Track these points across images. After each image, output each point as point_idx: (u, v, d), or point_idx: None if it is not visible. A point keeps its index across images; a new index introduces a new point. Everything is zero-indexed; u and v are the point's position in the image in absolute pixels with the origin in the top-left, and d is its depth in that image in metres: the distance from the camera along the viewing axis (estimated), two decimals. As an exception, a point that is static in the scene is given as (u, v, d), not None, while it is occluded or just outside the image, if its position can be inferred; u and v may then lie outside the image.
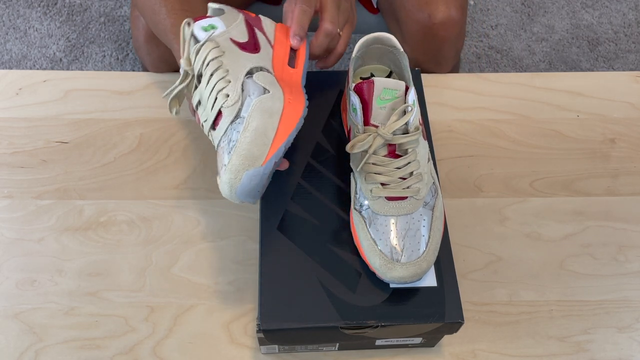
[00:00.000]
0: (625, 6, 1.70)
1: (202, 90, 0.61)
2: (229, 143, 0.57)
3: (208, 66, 0.61)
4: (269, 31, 0.67)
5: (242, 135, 0.56)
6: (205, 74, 0.61)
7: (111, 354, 0.67)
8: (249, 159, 0.55)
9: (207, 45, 0.62)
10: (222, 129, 0.58)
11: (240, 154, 0.56)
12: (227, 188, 0.56)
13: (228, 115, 0.58)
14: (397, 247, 0.59)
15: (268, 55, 0.64)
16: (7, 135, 0.81)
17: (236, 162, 0.55)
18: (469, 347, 0.68)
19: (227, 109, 0.59)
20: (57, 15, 1.62)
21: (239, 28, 0.65)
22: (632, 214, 0.78)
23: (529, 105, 0.87)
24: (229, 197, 0.57)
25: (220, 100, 0.59)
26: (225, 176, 0.56)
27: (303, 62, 0.67)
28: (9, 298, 0.69)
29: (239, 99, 0.59)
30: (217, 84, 0.60)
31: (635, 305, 0.72)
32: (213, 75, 0.61)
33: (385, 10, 0.93)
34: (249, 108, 0.58)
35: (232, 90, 0.59)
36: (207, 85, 0.61)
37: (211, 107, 0.60)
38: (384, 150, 0.62)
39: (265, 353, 0.67)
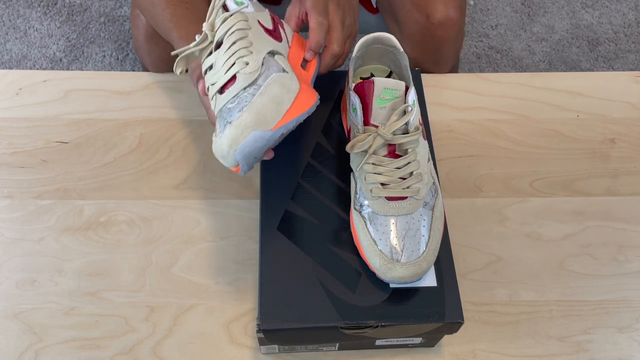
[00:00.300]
0: (625, 6, 1.70)
1: (219, 55, 0.61)
2: (240, 103, 0.57)
3: (233, 34, 0.61)
4: (289, 34, 0.67)
5: (259, 97, 0.56)
6: (228, 40, 0.61)
7: (111, 354, 0.67)
8: (260, 118, 0.55)
9: (237, 15, 0.62)
10: (233, 93, 0.58)
11: (253, 111, 0.55)
12: (228, 143, 0.55)
13: (243, 81, 0.58)
14: (397, 247, 0.59)
15: (286, 50, 0.65)
16: (7, 135, 0.81)
17: (247, 119, 0.55)
18: (469, 347, 0.68)
19: (244, 75, 0.58)
20: (57, 15, 1.62)
21: (265, 17, 0.65)
22: (632, 214, 0.78)
23: (529, 105, 0.87)
24: (225, 155, 0.56)
25: (238, 65, 0.59)
26: (230, 131, 0.55)
27: (314, 68, 0.67)
28: (9, 298, 0.70)
29: (258, 69, 0.59)
30: (239, 51, 0.60)
31: (635, 305, 0.72)
32: (235, 43, 0.60)
33: (385, 10, 0.93)
34: (267, 79, 0.58)
35: (253, 60, 0.59)
36: (228, 50, 0.60)
37: (225, 71, 0.59)
38: (384, 150, 0.62)
39: (265, 353, 0.67)
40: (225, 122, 0.57)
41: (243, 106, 0.56)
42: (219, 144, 0.56)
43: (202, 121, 0.83)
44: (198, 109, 0.84)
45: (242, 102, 0.57)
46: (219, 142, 0.56)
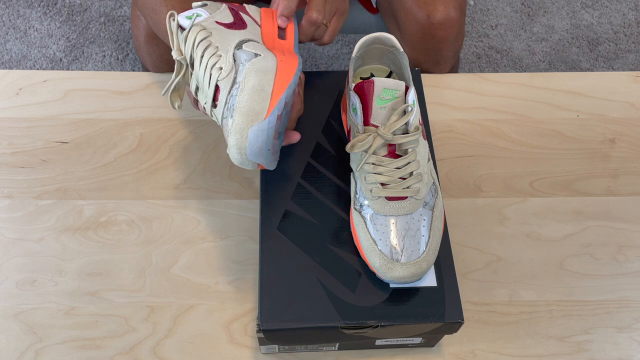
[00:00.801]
0: (625, 6, 1.70)
1: (197, 72, 0.62)
2: (230, 109, 0.57)
3: (198, 47, 0.62)
4: (255, 15, 0.68)
5: (240, 95, 0.57)
6: (197, 55, 0.62)
7: (111, 354, 0.67)
8: (250, 115, 0.56)
9: (193, 29, 0.63)
10: (222, 101, 0.59)
11: (241, 112, 0.56)
12: (237, 151, 0.56)
13: (225, 87, 0.59)
14: (397, 247, 0.59)
15: (256, 31, 0.65)
16: (7, 135, 0.81)
17: (239, 121, 0.56)
18: (469, 347, 0.68)
19: (223, 81, 0.59)
20: (57, 15, 1.62)
21: (223, 13, 0.66)
22: (632, 214, 0.78)
23: (529, 105, 0.87)
24: (239, 161, 0.57)
25: (215, 74, 0.60)
26: (232, 139, 0.56)
27: (293, 33, 0.67)
28: (9, 298, 0.70)
29: (232, 69, 0.60)
30: (210, 60, 0.61)
31: (635, 305, 0.72)
32: (204, 55, 0.61)
33: (384, 10, 0.93)
34: (242, 72, 0.59)
35: (225, 62, 0.60)
36: (201, 65, 0.61)
37: (208, 85, 0.60)
38: (384, 150, 0.62)
39: (265, 353, 0.67)
40: (228, 131, 0.57)
41: (232, 110, 0.57)
42: (232, 154, 0.57)
43: (202, 121, 0.83)
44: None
45: (232, 107, 0.57)
46: (231, 152, 0.57)
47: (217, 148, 0.81)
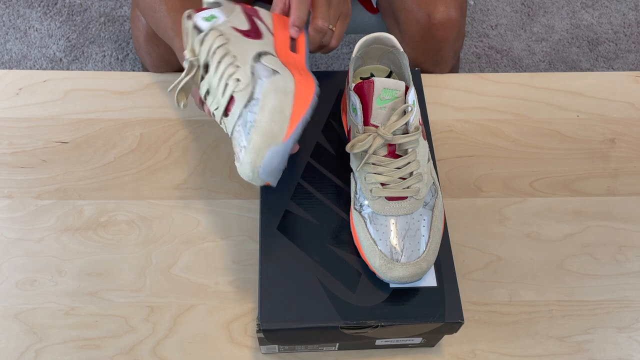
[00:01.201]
0: (625, 6, 1.70)
1: (211, 79, 0.61)
2: (246, 125, 0.57)
3: (215, 54, 0.61)
4: (267, 20, 0.67)
5: (260, 115, 0.56)
6: (213, 61, 0.61)
7: (111, 354, 0.67)
8: (269, 136, 0.55)
9: (211, 33, 0.62)
10: (236, 114, 0.58)
11: (260, 132, 0.55)
12: (249, 169, 0.56)
13: (241, 99, 0.58)
14: (397, 247, 0.59)
15: (270, 41, 0.65)
16: (7, 135, 0.81)
17: (257, 141, 0.55)
18: (469, 347, 0.68)
19: (239, 93, 0.58)
20: (57, 15, 1.62)
21: (238, 17, 0.65)
22: (632, 214, 0.78)
23: (529, 105, 0.87)
24: (250, 178, 0.56)
25: (231, 85, 0.59)
26: (247, 157, 0.55)
27: (304, 47, 0.67)
28: (9, 298, 0.69)
29: (249, 83, 0.59)
30: (227, 69, 0.60)
31: (635, 305, 0.72)
32: (221, 62, 0.60)
33: (385, 10, 0.93)
34: (261, 89, 0.58)
35: (243, 75, 0.59)
36: (216, 72, 0.60)
37: (222, 94, 0.60)
38: (384, 150, 0.62)
39: (265, 353, 0.67)
40: (240, 146, 0.57)
41: (250, 127, 0.56)
42: (243, 170, 0.57)
43: (202, 121, 0.83)
44: (198, 109, 0.84)
45: (248, 122, 0.57)
46: (242, 168, 0.57)
47: (217, 148, 0.81)
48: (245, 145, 0.56)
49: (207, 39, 0.62)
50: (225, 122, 0.60)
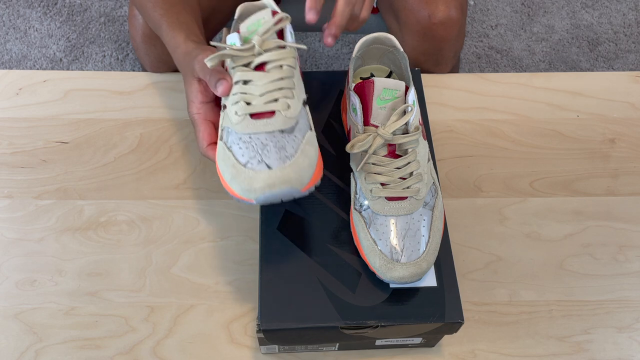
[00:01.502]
0: (625, 6, 1.70)
1: (263, 79, 0.59)
2: (276, 146, 0.56)
3: (282, 70, 0.60)
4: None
5: (301, 156, 0.56)
6: (276, 72, 0.59)
7: (111, 354, 0.67)
8: (299, 178, 0.55)
9: (291, 51, 0.61)
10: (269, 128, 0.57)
11: (296, 169, 0.55)
12: (260, 187, 0.54)
13: (282, 123, 0.58)
14: (397, 247, 0.59)
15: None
16: (7, 135, 0.81)
17: (289, 174, 0.55)
18: (469, 347, 0.68)
19: (284, 118, 0.58)
20: (57, 15, 1.62)
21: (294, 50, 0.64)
22: (632, 214, 0.78)
23: (529, 105, 0.87)
24: (248, 191, 0.55)
25: (281, 104, 0.58)
26: (267, 176, 0.54)
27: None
28: (9, 298, 0.70)
29: (296, 118, 0.59)
30: (284, 90, 0.59)
31: (635, 305, 0.72)
32: (283, 80, 0.59)
33: (385, 10, 0.93)
34: (303, 134, 0.59)
35: (294, 106, 0.59)
36: (274, 82, 0.59)
37: (266, 101, 0.58)
38: (384, 150, 0.62)
39: (265, 353, 0.67)
40: (260, 158, 0.56)
41: (282, 155, 0.56)
42: (249, 179, 0.55)
43: (202, 121, 0.83)
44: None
45: (279, 148, 0.56)
46: (250, 177, 0.55)
47: (217, 148, 0.81)
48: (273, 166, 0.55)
49: (285, 51, 0.60)
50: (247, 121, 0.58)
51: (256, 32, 0.60)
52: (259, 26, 0.61)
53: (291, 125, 0.58)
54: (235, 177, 0.56)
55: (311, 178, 0.57)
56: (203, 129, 0.65)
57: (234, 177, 0.56)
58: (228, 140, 0.59)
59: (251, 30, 0.61)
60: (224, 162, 0.58)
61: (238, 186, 0.56)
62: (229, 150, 0.58)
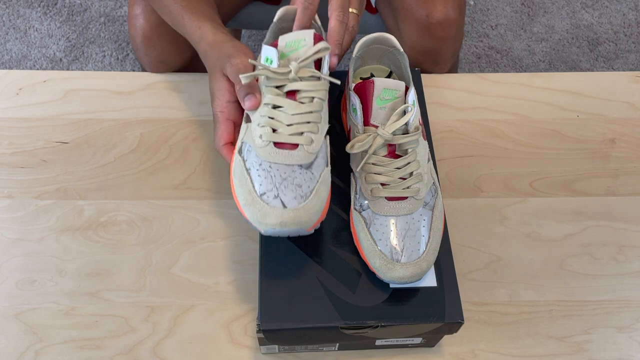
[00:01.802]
0: (625, 6, 1.70)
1: (293, 108, 0.59)
2: (296, 188, 0.57)
3: (313, 103, 0.60)
4: None
5: (315, 198, 0.57)
6: (306, 104, 0.59)
7: (111, 354, 0.67)
8: (307, 220, 0.56)
9: (325, 84, 0.61)
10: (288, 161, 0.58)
11: (308, 212, 0.56)
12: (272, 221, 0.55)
13: (302, 158, 0.58)
14: (397, 247, 0.59)
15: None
16: (7, 135, 0.81)
17: (301, 217, 0.56)
18: (469, 347, 0.68)
19: (305, 153, 0.58)
20: (57, 15, 1.62)
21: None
22: (632, 214, 0.78)
23: (529, 105, 0.87)
24: (260, 223, 0.56)
25: (305, 138, 0.58)
26: (280, 215, 0.55)
27: None
28: (9, 298, 0.69)
29: (315, 153, 0.59)
30: (311, 124, 0.59)
31: (635, 305, 0.72)
32: (312, 113, 0.59)
33: (383, 10, 0.93)
34: (319, 172, 0.59)
35: (317, 141, 0.59)
36: (303, 114, 0.59)
37: (291, 132, 0.58)
38: (384, 150, 0.62)
39: (265, 353, 0.67)
40: (276, 193, 0.56)
41: (297, 194, 0.56)
42: (263, 213, 0.55)
43: (202, 121, 0.83)
44: (198, 109, 0.84)
45: (296, 185, 0.57)
46: (264, 211, 0.55)
47: (217, 148, 0.81)
48: (288, 205, 0.55)
49: (320, 83, 0.60)
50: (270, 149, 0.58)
51: (295, 51, 0.60)
52: (298, 47, 0.60)
53: (311, 161, 0.59)
54: (250, 205, 0.56)
55: (318, 219, 0.58)
56: (224, 127, 0.66)
57: (248, 204, 0.57)
58: (247, 160, 0.59)
59: (290, 49, 0.61)
60: (240, 183, 0.58)
61: (251, 215, 0.56)
62: (247, 173, 0.58)
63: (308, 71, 0.59)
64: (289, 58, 0.60)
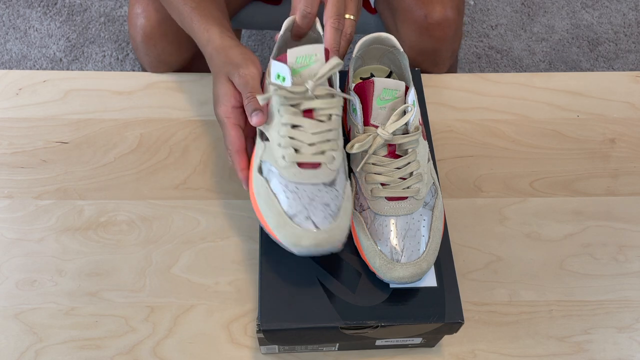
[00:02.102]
0: (625, 6, 1.70)
1: (312, 127, 0.59)
2: (325, 208, 0.57)
3: (331, 120, 0.60)
4: None
5: (343, 218, 0.58)
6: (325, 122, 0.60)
7: (111, 354, 0.67)
8: (339, 240, 0.57)
9: (340, 100, 0.61)
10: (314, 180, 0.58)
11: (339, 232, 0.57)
12: (307, 244, 0.56)
13: (326, 176, 0.59)
14: (397, 247, 0.59)
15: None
16: (7, 135, 0.81)
17: (333, 237, 0.56)
18: (469, 347, 0.68)
19: (328, 170, 0.59)
20: (57, 15, 1.62)
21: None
22: (632, 214, 0.78)
23: (529, 105, 0.87)
24: (294, 245, 0.57)
25: (327, 157, 0.59)
26: (315, 237, 0.56)
27: None
28: (9, 298, 0.69)
29: (337, 169, 0.60)
30: (331, 142, 0.60)
31: (635, 305, 0.72)
32: (331, 131, 0.60)
33: (382, 10, 0.93)
34: (343, 187, 0.60)
35: (338, 158, 0.60)
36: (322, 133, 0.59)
37: (313, 152, 0.59)
38: (384, 150, 0.62)
39: (265, 353, 0.67)
40: (307, 214, 0.57)
41: (327, 213, 0.57)
42: (298, 236, 0.56)
43: (202, 121, 0.83)
44: (198, 109, 0.84)
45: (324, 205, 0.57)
46: (299, 235, 0.56)
47: (217, 148, 0.81)
48: (320, 226, 0.56)
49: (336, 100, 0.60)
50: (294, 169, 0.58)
51: (307, 67, 0.60)
52: (310, 62, 0.60)
53: (334, 178, 0.59)
54: (282, 228, 0.57)
55: (347, 235, 0.59)
56: (234, 134, 0.65)
57: (280, 227, 0.57)
58: (271, 181, 0.59)
59: (301, 64, 0.60)
60: (268, 206, 0.59)
61: (284, 238, 0.57)
62: (274, 196, 0.59)
63: (323, 89, 0.60)
64: (301, 74, 0.60)
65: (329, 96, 0.60)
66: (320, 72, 0.59)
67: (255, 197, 0.61)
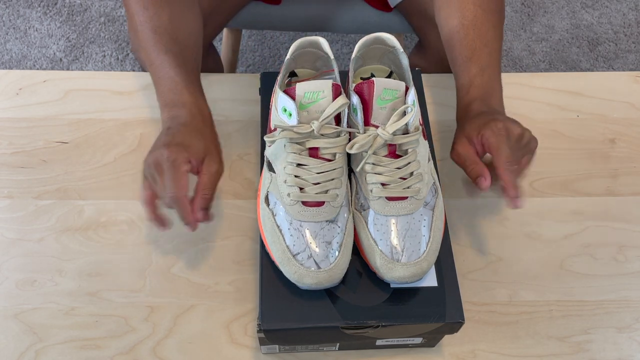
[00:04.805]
0: (625, 6, 1.70)
1: (316, 166, 0.60)
2: (327, 246, 0.59)
3: (336, 158, 0.61)
4: None
5: (344, 256, 0.60)
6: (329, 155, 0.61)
7: (111, 354, 0.66)
8: (338, 277, 0.59)
9: (346, 138, 0.62)
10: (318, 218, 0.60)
11: (338, 271, 0.59)
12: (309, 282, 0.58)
13: (329, 214, 0.60)
14: (397, 247, 0.59)
15: None
16: (7, 135, 0.81)
17: (332, 276, 0.58)
18: (469, 347, 0.68)
19: (331, 208, 0.60)
20: (57, 15, 1.62)
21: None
22: (632, 214, 0.78)
23: (529, 105, 0.87)
24: (294, 280, 0.59)
25: (330, 195, 0.60)
26: (316, 277, 0.58)
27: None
28: (9, 298, 0.69)
29: (339, 207, 0.61)
30: (334, 180, 0.61)
31: (635, 305, 0.72)
32: (336, 170, 0.61)
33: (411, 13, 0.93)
34: (344, 223, 0.61)
35: (341, 196, 0.61)
36: (326, 172, 0.61)
37: (317, 191, 0.60)
38: (384, 150, 0.62)
39: (265, 353, 0.67)
40: (309, 253, 0.59)
41: (328, 252, 0.59)
42: (300, 275, 0.58)
43: (202, 121, 0.83)
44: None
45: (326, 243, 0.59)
46: (301, 273, 0.58)
47: (217, 148, 0.81)
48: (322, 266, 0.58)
49: (340, 139, 0.61)
50: (299, 208, 0.60)
51: (314, 103, 0.60)
52: (317, 99, 0.61)
53: (336, 215, 0.61)
54: (286, 265, 0.59)
55: (347, 268, 0.61)
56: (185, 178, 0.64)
57: (284, 263, 0.59)
58: (277, 216, 0.62)
59: (309, 100, 0.61)
60: (273, 240, 0.61)
61: (287, 273, 0.59)
62: (279, 231, 0.61)
63: (329, 127, 0.61)
64: (308, 110, 0.61)
65: (334, 135, 0.61)
66: (327, 112, 0.60)
67: (262, 226, 0.63)
